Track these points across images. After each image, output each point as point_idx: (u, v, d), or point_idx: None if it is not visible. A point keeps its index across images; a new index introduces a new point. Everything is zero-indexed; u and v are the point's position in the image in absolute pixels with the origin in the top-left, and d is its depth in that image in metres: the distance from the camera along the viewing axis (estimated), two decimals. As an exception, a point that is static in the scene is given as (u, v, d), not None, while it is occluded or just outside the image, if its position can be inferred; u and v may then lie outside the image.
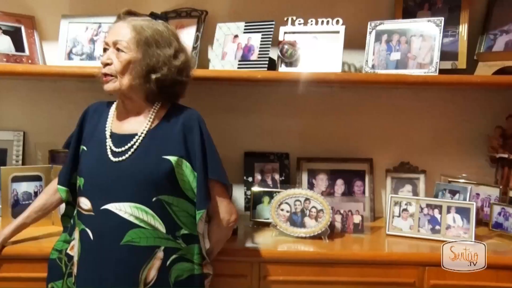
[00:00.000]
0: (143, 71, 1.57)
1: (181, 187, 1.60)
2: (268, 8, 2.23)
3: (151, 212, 1.55)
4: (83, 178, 1.62)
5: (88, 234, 1.57)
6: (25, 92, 2.30)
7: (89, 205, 1.58)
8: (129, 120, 1.65)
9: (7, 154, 2.28)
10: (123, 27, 1.59)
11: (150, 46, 1.57)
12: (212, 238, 1.68)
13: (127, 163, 1.57)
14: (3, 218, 2.06)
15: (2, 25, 2.12)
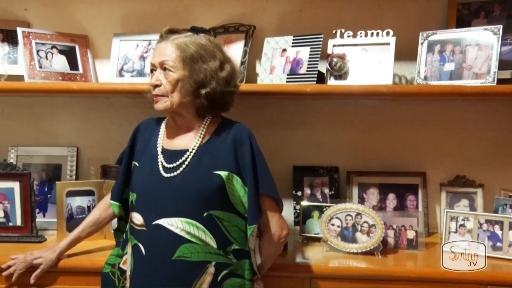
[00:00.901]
0: (192, 88, 1.58)
1: (231, 202, 1.59)
2: (316, 22, 2.21)
3: (202, 227, 1.55)
4: (135, 194, 1.64)
5: (141, 249, 1.58)
6: (78, 109, 2.36)
7: (141, 220, 1.60)
8: (180, 136, 1.66)
9: (61, 170, 2.34)
10: (167, 47, 1.60)
11: (196, 62, 1.58)
12: (263, 253, 1.66)
13: (179, 179, 1.58)
14: (58, 232, 2.11)
15: (58, 45, 2.20)
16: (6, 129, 2.36)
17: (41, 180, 2.32)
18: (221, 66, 1.61)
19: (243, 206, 1.60)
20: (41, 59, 2.15)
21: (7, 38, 2.25)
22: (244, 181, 1.59)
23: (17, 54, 2.24)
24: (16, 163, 2.25)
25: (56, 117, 2.37)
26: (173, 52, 1.58)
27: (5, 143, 2.35)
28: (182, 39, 1.60)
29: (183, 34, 1.64)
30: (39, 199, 2.21)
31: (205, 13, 2.24)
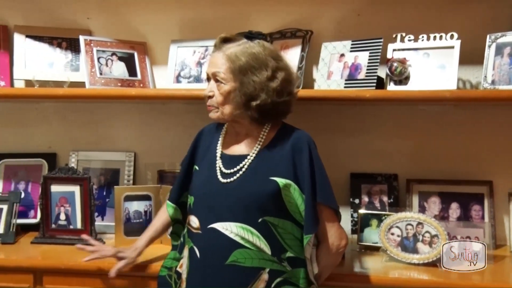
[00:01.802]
0: (242, 100, 1.56)
1: (288, 209, 1.57)
2: (375, 26, 2.16)
3: (257, 233, 1.53)
4: (193, 197, 1.66)
5: (196, 252, 1.59)
6: (136, 115, 2.40)
7: (197, 223, 1.61)
8: (239, 142, 1.66)
9: (119, 174, 2.38)
10: (219, 58, 1.59)
11: (246, 74, 1.55)
12: (321, 263, 1.63)
13: (235, 184, 1.58)
14: (116, 235, 2.15)
15: (118, 52, 2.25)
16: (68, 134, 2.43)
17: (99, 184, 2.37)
18: (273, 75, 1.57)
19: (300, 214, 1.57)
20: (101, 66, 2.20)
21: (70, 46, 2.32)
22: (302, 189, 1.56)
23: (79, 62, 2.31)
24: (76, 168, 2.30)
25: (114, 122, 2.41)
26: (223, 63, 1.57)
27: (66, 147, 2.41)
28: (234, 49, 1.58)
29: (236, 42, 1.61)
30: (98, 203, 2.26)
31: (262, 19, 2.23)
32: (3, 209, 2.19)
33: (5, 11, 2.37)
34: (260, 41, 1.63)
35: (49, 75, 2.28)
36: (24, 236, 2.23)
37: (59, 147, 2.43)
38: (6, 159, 2.39)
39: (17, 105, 2.43)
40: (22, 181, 2.38)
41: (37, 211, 2.31)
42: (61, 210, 2.18)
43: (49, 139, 2.44)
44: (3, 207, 2.20)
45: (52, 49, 2.32)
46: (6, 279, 1.93)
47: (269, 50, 1.61)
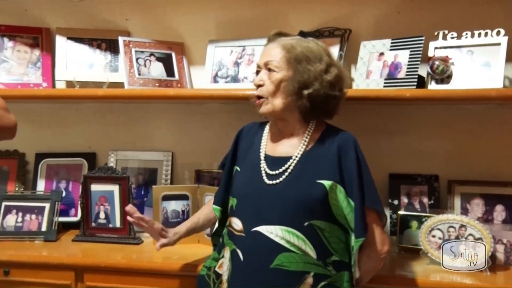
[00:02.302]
0: (295, 89, 1.56)
1: (333, 213, 1.55)
2: (416, 23, 2.11)
3: (302, 237, 1.51)
4: (235, 199, 1.64)
5: (239, 255, 1.57)
6: (174, 115, 2.41)
7: (240, 226, 1.59)
8: (283, 142, 1.64)
9: (157, 174, 2.40)
10: (273, 48, 1.60)
11: (300, 63, 1.56)
12: (362, 267, 1.59)
13: (281, 186, 1.56)
14: (154, 235, 2.17)
15: (156, 52, 2.26)
16: (107, 134, 2.46)
17: (138, 184, 2.39)
18: (327, 70, 1.58)
19: (345, 217, 1.55)
20: (140, 66, 2.22)
21: (109, 47, 2.35)
22: (348, 192, 1.54)
23: (118, 62, 2.34)
24: (115, 167, 2.33)
25: (152, 122, 2.44)
26: (278, 53, 1.58)
27: (105, 147, 2.45)
28: (289, 41, 1.61)
29: (290, 37, 1.64)
30: (136, 202, 2.28)
31: (299, 18, 2.21)
32: (46, 208, 2.24)
33: (47, 14, 2.42)
34: (313, 39, 1.65)
35: (89, 76, 2.32)
36: (66, 234, 2.28)
37: (98, 146, 2.47)
38: (48, 159, 2.45)
39: (58, 105, 2.48)
40: (63, 180, 2.43)
41: (77, 210, 2.35)
42: (100, 209, 2.22)
43: (89, 139, 2.48)
44: (46, 206, 2.25)
45: (92, 50, 2.35)
46: (49, 276, 1.97)
47: (323, 47, 1.63)
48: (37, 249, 2.11)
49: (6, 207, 2.25)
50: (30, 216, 2.24)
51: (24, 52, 2.36)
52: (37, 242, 2.18)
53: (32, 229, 2.22)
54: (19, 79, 2.33)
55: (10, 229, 2.21)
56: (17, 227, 2.22)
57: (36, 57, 2.37)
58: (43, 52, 2.37)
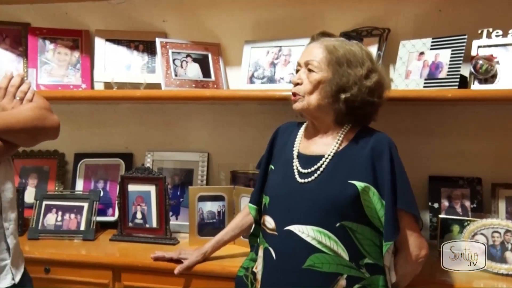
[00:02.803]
0: (332, 91, 1.54)
1: (366, 215, 1.51)
2: (458, 22, 2.05)
3: (334, 238, 1.49)
4: (268, 197, 1.63)
5: (271, 254, 1.57)
6: (210, 116, 2.42)
7: (273, 224, 1.58)
8: (317, 141, 1.62)
9: (193, 174, 2.41)
10: (315, 48, 1.59)
11: (341, 65, 1.54)
12: (399, 272, 1.56)
13: (312, 186, 1.54)
14: (190, 235, 2.18)
15: (192, 53, 2.27)
16: (143, 135, 2.48)
17: (173, 184, 2.41)
18: (367, 75, 1.55)
19: (379, 219, 1.51)
20: (176, 67, 2.23)
21: (146, 48, 2.38)
22: (382, 194, 1.50)
23: (155, 64, 2.35)
24: (152, 168, 2.35)
25: (189, 123, 2.45)
26: (320, 53, 1.56)
27: (142, 148, 2.48)
28: (332, 42, 1.59)
29: (334, 38, 1.63)
30: (173, 203, 2.29)
31: (337, 18, 2.18)
32: (84, 207, 2.28)
33: (87, 16, 2.46)
34: (357, 42, 1.62)
35: (127, 77, 2.35)
36: (103, 233, 2.31)
37: (135, 147, 2.50)
38: (86, 159, 2.49)
39: (97, 106, 2.52)
40: (101, 180, 2.47)
41: (115, 209, 2.38)
42: (137, 209, 2.24)
43: (126, 139, 2.51)
44: (84, 205, 2.28)
45: (130, 52, 2.38)
46: (87, 274, 2.00)
47: (366, 51, 1.60)
48: (76, 248, 2.14)
49: (47, 206, 2.30)
50: (69, 215, 2.28)
51: (65, 54, 2.40)
52: (76, 241, 2.22)
53: (71, 228, 2.26)
54: (59, 81, 2.37)
55: (50, 228, 2.26)
56: (57, 225, 2.26)
57: (76, 59, 2.41)
58: (82, 54, 2.41)
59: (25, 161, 2.49)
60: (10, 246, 1.43)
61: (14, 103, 1.46)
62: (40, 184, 2.47)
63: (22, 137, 1.43)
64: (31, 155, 2.51)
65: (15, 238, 1.46)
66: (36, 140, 1.53)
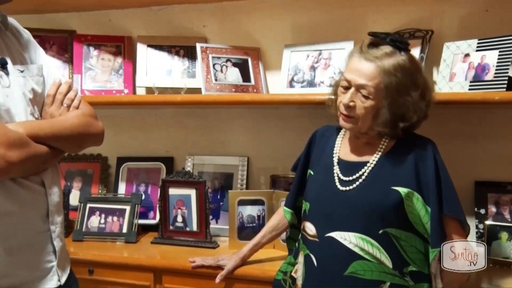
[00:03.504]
0: (389, 119, 1.48)
1: (410, 221, 1.49)
2: (506, 22, 1.99)
3: (377, 245, 1.47)
4: (308, 203, 1.62)
5: (312, 260, 1.55)
6: (249, 120, 2.42)
7: (314, 230, 1.57)
8: (358, 148, 1.60)
9: (233, 178, 2.42)
10: (369, 68, 1.46)
11: (400, 94, 1.46)
12: (444, 279, 1.52)
13: (354, 193, 1.52)
14: (230, 239, 2.18)
15: (232, 58, 2.28)
16: (184, 139, 2.51)
17: (213, 188, 2.42)
18: (422, 95, 1.50)
19: (423, 226, 1.48)
20: (216, 72, 2.25)
21: (187, 53, 2.40)
22: (426, 200, 1.47)
23: (195, 68, 2.38)
24: (192, 172, 2.37)
25: (228, 127, 2.46)
26: (374, 77, 1.45)
27: (183, 152, 2.50)
28: (387, 62, 1.46)
29: (384, 49, 1.48)
30: (213, 207, 2.31)
31: (378, 20, 2.15)
32: (126, 210, 2.32)
33: (129, 23, 2.51)
34: (406, 52, 1.51)
35: (168, 82, 2.38)
36: (145, 236, 2.34)
37: (176, 151, 2.53)
38: (128, 163, 2.53)
39: (138, 111, 2.57)
40: (142, 183, 2.51)
41: (156, 212, 2.41)
42: (178, 212, 2.26)
43: (166, 143, 2.55)
44: (126, 208, 2.33)
45: (171, 57, 2.41)
46: (129, 276, 2.03)
47: (416, 64, 1.54)
48: (119, 250, 2.18)
49: (90, 208, 2.35)
50: (112, 218, 2.32)
51: (108, 60, 2.46)
52: (118, 243, 2.26)
53: (114, 230, 2.30)
54: (103, 86, 2.43)
55: (94, 230, 2.31)
56: (100, 228, 2.31)
57: (119, 65, 2.46)
58: (125, 60, 2.46)
59: (70, 164, 2.56)
60: (56, 249, 1.47)
61: (62, 110, 1.50)
62: (84, 187, 2.54)
63: (68, 143, 1.47)
64: (75, 158, 2.57)
65: (61, 240, 1.50)
66: (81, 147, 1.57)
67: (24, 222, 1.39)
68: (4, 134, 1.25)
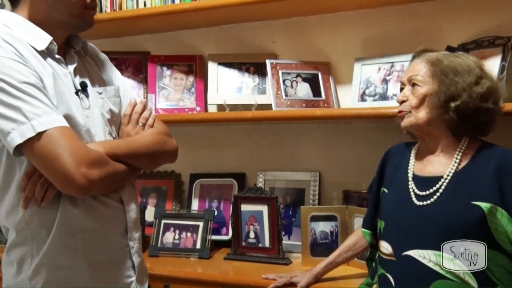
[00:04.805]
0: (440, 102, 1.47)
1: (495, 238, 1.40)
2: None
3: (460, 263, 1.39)
4: (383, 221, 1.58)
5: (389, 280, 1.50)
6: (320, 134, 2.40)
7: (390, 249, 1.52)
8: (432, 161, 1.54)
9: (304, 194, 2.40)
10: (417, 63, 1.55)
11: (447, 75, 1.47)
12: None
13: (432, 208, 1.46)
14: (303, 255, 2.16)
15: (302, 73, 2.28)
16: (255, 155, 2.52)
17: (285, 204, 2.41)
18: (477, 82, 1.46)
19: (510, 243, 1.39)
20: (286, 87, 2.25)
21: (257, 70, 2.42)
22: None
23: (266, 85, 2.39)
24: (264, 187, 2.37)
25: (299, 142, 2.44)
26: (423, 67, 1.52)
27: (253, 167, 2.51)
28: (434, 55, 1.53)
29: (437, 52, 1.57)
30: (285, 223, 2.29)
31: (454, 29, 2.07)
32: (200, 226, 2.35)
33: (201, 42, 2.57)
34: (462, 53, 1.56)
35: (238, 99, 2.41)
36: (218, 252, 2.36)
37: (247, 167, 2.54)
38: (201, 179, 2.57)
39: (210, 128, 2.61)
40: (215, 199, 2.54)
41: (228, 228, 2.43)
42: (250, 228, 2.27)
43: (238, 159, 2.57)
44: (200, 224, 2.36)
45: (241, 74, 2.44)
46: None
47: (473, 60, 1.52)
48: (193, 265, 2.21)
49: (165, 224, 2.40)
50: (186, 233, 2.36)
51: (180, 79, 2.52)
52: (192, 258, 2.29)
53: (188, 246, 2.34)
54: (175, 105, 2.49)
55: (169, 246, 2.36)
56: (175, 243, 2.36)
57: (191, 83, 2.52)
58: (196, 78, 2.52)
59: (145, 181, 2.64)
60: (135, 264, 1.51)
61: (137, 129, 1.55)
62: (158, 203, 2.60)
63: (144, 161, 1.51)
64: (150, 175, 2.65)
65: (139, 256, 1.54)
66: (157, 164, 1.61)
67: (105, 239, 1.44)
68: (86, 153, 1.30)
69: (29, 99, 1.26)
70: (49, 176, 1.29)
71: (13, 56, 1.29)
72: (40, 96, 1.28)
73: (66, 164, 1.26)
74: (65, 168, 1.26)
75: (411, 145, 1.65)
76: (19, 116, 1.25)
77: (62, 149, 1.26)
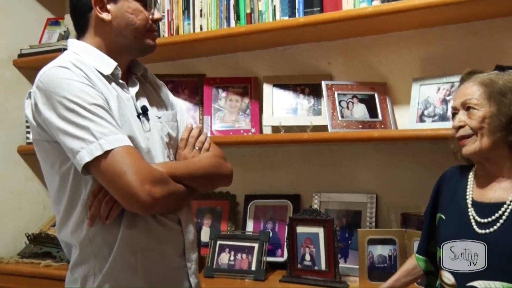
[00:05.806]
0: (502, 123, 1.41)
1: None
2: None
3: None
4: (443, 250, 1.52)
5: None
6: (376, 156, 2.35)
7: (452, 280, 1.47)
8: (493, 186, 1.48)
9: (361, 216, 2.35)
10: (469, 87, 1.50)
11: (505, 95, 1.42)
12: None
13: (496, 236, 1.40)
14: (360, 279, 2.11)
15: (358, 94, 2.26)
16: (311, 177, 2.50)
17: (341, 226, 2.37)
18: None
19: None
20: (342, 109, 2.23)
21: (312, 91, 2.42)
22: None
23: (321, 106, 2.38)
24: (319, 209, 2.35)
25: (355, 164, 2.41)
26: (477, 90, 1.47)
27: (308, 189, 2.49)
28: (487, 76, 1.49)
29: (487, 73, 1.52)
30: (341, 245, 2.25)
31: (517, 47, 2.01)
32: (255, 248, 2.35)
33: (255, 64, 2.59)
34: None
35: (294, 120, 2.40)
36: (273, 274, 2.34)
37: (302, 188, 2.52)
38: (256, 200, 2.57)
39: (265, 149, 2.61)
40: (269, 220, 2.53)
41: (283, 250, 2.41)
42: (306, 250, 2.24)
43: (293, 180, 2.55)
44: (255, 246, 2.35)
45: (296, 95, 2.44)
46: (259, 315, 2.04)
47: None
48: (248, 287, 2.21)
49: (220, 245, 2.41)
50: (241, 255, 2.36)
51: (236, 101, 2.55)
52: (247, 280, 2.28)
53: (243, 267, 2.33)
54: (231, 126, 2.52)
55: (224, 267, 2.36)
56: (230, 265, 2.36)
57: (246, 105, 2.54)
58: (251, 100, 2.54)
59: (200, 202, 2.66)
60: (192, 285, 1.52)
61: (194, 152, 1.59)
62: (213, 224, 2.62)
63: (201, 183, 1.54)
64: (205, 196, 2.67)
65: (196, 277, 1.55)
66: (214, 186, 1.65)
67: (163, 259, 1.47)
68: (150, 172, 1.35)
69: (97, 120, 1.32)
70: (115, 193, 1.33)
71: (83, 80, 1.36)
72: (107, 117, 1.34)
73: (131, 181, 1.30)
74: (130, 185, 1.30)
75: (467, 170, 1.59)
76: (88, 135, 1.31)
77: (127, 167, 1.31)
